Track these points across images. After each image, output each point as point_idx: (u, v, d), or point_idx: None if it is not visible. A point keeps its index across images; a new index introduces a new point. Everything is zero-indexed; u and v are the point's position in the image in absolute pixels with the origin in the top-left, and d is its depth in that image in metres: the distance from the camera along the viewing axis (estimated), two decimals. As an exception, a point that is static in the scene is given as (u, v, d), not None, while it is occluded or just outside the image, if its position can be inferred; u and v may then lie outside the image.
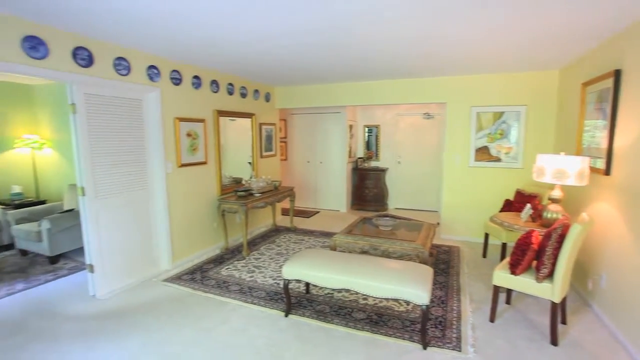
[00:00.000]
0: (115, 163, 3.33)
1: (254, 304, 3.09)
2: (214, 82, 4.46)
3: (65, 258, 4.26)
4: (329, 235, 5.27)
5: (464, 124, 4.89)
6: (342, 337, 2.60)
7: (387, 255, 3.37)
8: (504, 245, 3.85)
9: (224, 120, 4.73)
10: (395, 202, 7.32)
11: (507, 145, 4.72)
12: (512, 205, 4.16)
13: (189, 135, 4.09)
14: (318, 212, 7.02)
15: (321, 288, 3.38)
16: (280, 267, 3.96)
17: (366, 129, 7.49)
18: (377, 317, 2.85)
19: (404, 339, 2.56)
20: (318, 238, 5.12)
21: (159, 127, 3.67)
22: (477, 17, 2.46)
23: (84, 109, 3.01)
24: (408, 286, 2.44)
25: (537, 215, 3.26)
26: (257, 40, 3.04)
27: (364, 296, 3.19)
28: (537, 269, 2.54)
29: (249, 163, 5.53)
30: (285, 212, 6.68)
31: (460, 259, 4.23)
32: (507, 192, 4.70)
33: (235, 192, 4.53)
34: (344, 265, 2.75)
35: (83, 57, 2.92)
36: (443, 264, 4.06)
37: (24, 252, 4.37)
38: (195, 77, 4.14)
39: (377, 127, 7.35)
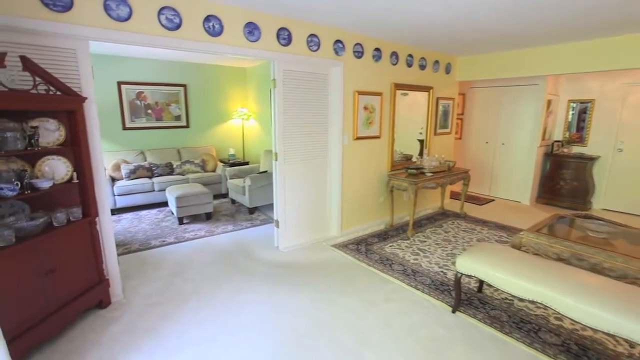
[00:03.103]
0: (302, 133, 3.69)
1: (417, 289, 2.94)
2: (394, 54, 4.31)
3: (259, 211, 5.17)
4: (506, 229, 4.52)
5: None
6: (522, 357, 2.16)
7: (598, 271, 2.57)
8: None
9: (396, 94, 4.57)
10: (605, 201, 5.61)
11: None
12: None
13: (365, 108, 4.14)
14: (492, 200, 6.13)
15: (496, 289, 2.92)
16: (447, 255, 3.64)
17: (571, 105, 5.90)
18: (579, 349, 2.22)
19: (620, 387, 1.91)
20: (493, 230, 4.46)
21: (340, 100, 3.84)
22: None
23: (281, 84, 3.42)
24: (642, 323, 1.77)
25: None
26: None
27: (557, 315, 2.55)
28: None
29: (419, 140, 5.24)
30: (454, 195, 6.13)
31: None
32: None
33: (406, 169, 4.38)
34: (538, 272, 2.24)
35: (284, 37, 3.27)
36: (692, 299, 2.84)
37: (233, 201, 5.55)
38: (376, 49, 4.09)
39: (589, 102, 5.67)
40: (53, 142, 2.28)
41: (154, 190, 5.23)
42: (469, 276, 2.52)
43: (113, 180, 5.12)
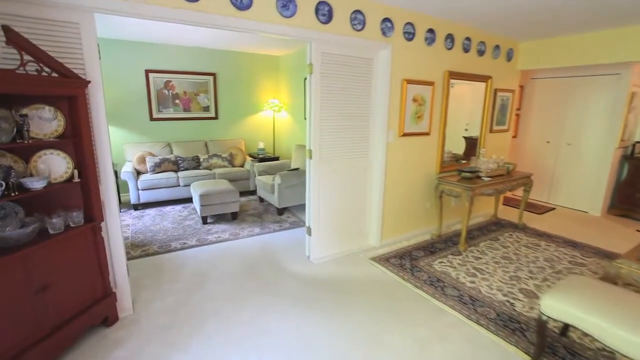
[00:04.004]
0: (341, 128, 3.18)
1: (480, 324, 2.37)
2: (449, 37, 3.67)
3: (289, 212, 4.74)
4: (578, 247, 3.78)
5: None
6: None
7: None
8: None
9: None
10: (701, 216, 4.67)
11: None
12: None
13: (415, 100, 3.55)
14: (553, 208, 5.33)
15: (586, 334, 2.28)
16: (511, 278, 3.02)
17: (659, 100, 4.95)
18: None
19: None
20: (562, 248, 3.74)
21: (386, 90, 3.28)
22: None
23: (319, 70, 2.91)
24: None
25: None
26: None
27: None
28: None
29: (465, 138, 4.55)
30: (507, 201, 5.40)
31: None
32: None
33: (459, 172, 3.75)
34: (669, 328, 1.61)
35: (324, 12, 2.75)
36: None
37: (261, 199, 5.16)
38: (430, 30, 3.48)
39: (684, 96, 4.72)
40: (50, 133, 1.93)
41: (179, 185, 4.93)
42: (557, 320, 1.93)
43: (138, 173, 4.87)
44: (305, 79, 5.58)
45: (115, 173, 4.72)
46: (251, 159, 5.77)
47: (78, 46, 2.01)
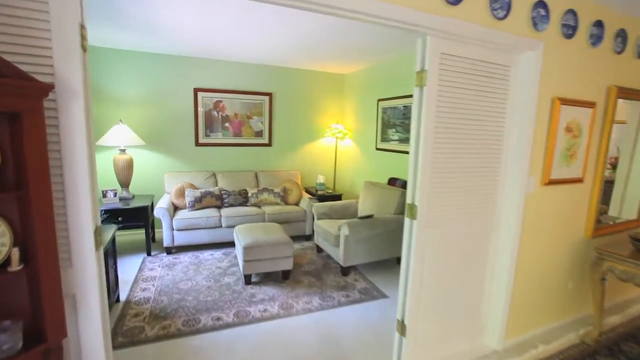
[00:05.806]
0: (458, 171, 2.03)
1: None
2: (621, 34, 2.42)
3: (356, 271, 3.59)
4: None
5: None
6: None
7: None
8: None
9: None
10: None
11: None
12: None
13: (568, 130, 2.31)
14: None
15: None
16: None
17: None
18: None
19: None
20: None
21: (530, 113, 2.09)
22: None
23: (436, 80, 1.82)
24: None
25: None
26: None
27: None
28: None
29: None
30: None
31: None
32: None
33: (637, 242, 2.37)
34: None
35: (452, -14, 1.70)
36: None
37: (319, 249, 4.08)
38: (597, 23, 2.27)
39: None
40: (-32, 183, 1.03)
41: (220, 226, 4.04)
42: None
43: (175, 209, 4.09)
44: (378, 100, 4.56)
45: (151, 208, 4.01)
46: (309, 196, 4.77)
47: (44, 27, 1.13)
